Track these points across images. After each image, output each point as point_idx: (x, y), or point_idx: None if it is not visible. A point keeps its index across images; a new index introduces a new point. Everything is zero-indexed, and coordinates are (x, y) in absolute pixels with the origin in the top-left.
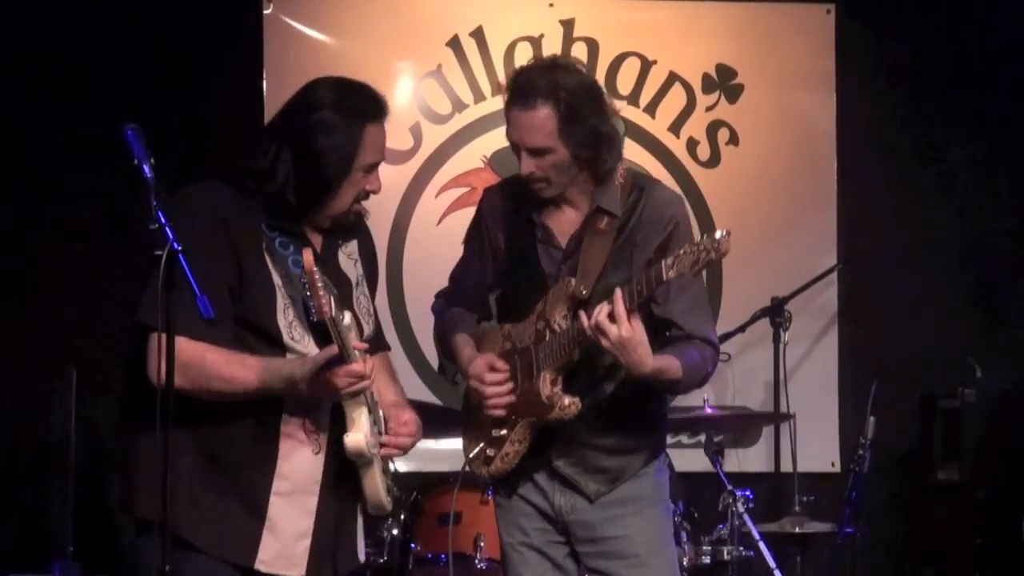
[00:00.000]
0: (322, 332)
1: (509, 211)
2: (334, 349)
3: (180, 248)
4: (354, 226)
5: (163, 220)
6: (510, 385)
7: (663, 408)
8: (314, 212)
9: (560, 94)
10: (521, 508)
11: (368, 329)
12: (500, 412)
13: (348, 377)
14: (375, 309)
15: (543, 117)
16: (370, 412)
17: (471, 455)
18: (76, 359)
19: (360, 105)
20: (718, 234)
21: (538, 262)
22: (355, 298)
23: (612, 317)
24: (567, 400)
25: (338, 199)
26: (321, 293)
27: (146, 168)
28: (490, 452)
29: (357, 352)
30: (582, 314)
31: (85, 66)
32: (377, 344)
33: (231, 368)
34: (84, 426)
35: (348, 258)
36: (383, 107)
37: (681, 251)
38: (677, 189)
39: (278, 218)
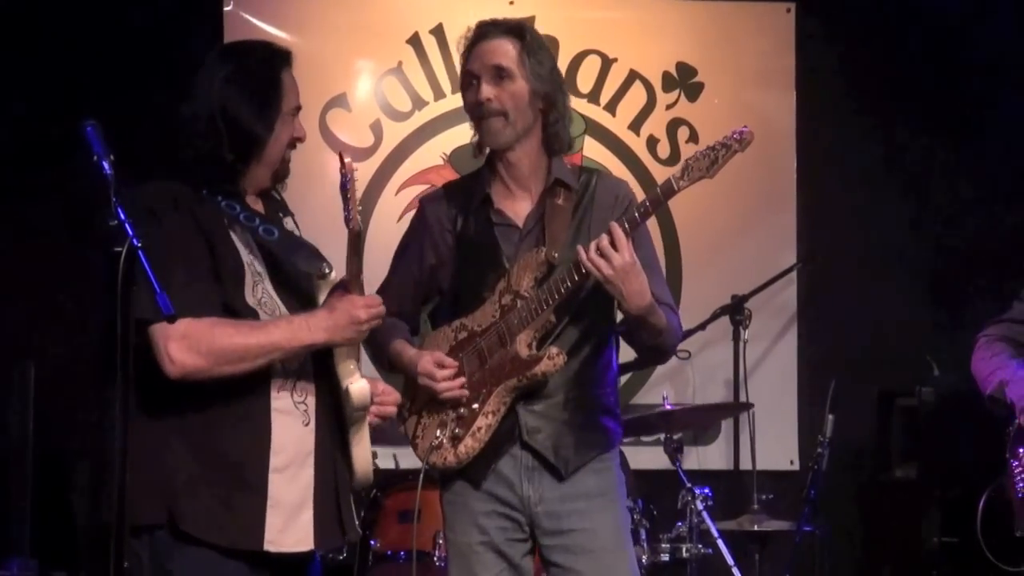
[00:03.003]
0: (296, 297)
1: (458, 209)
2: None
3: (140, 244)
4: (285, 204)
5: (122, 216)
6: (462, 379)
7: (617, 399)
8: (253, 166)
9: (524, 32)
10: (480, 507)
11: None
12: (457, 398)
13: (369, 308)
14: None
15: (506, 44)
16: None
17: (429, 445)
18: (34, 354)
19: (269, 56)
20: (739, 129)
21: (496, 245)
22: None
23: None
24: (554, 350)
25: (274, 145)
26: (358, 202)
27: (105, 165)
28: (458, 431)
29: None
30: (580, 248)
31: (43, 62)
32: None
33: (244, 333)
34: (42, 421)
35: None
36: (288, 54)
37: (690, 158)
38: (637, 187)
39: (220, 182)
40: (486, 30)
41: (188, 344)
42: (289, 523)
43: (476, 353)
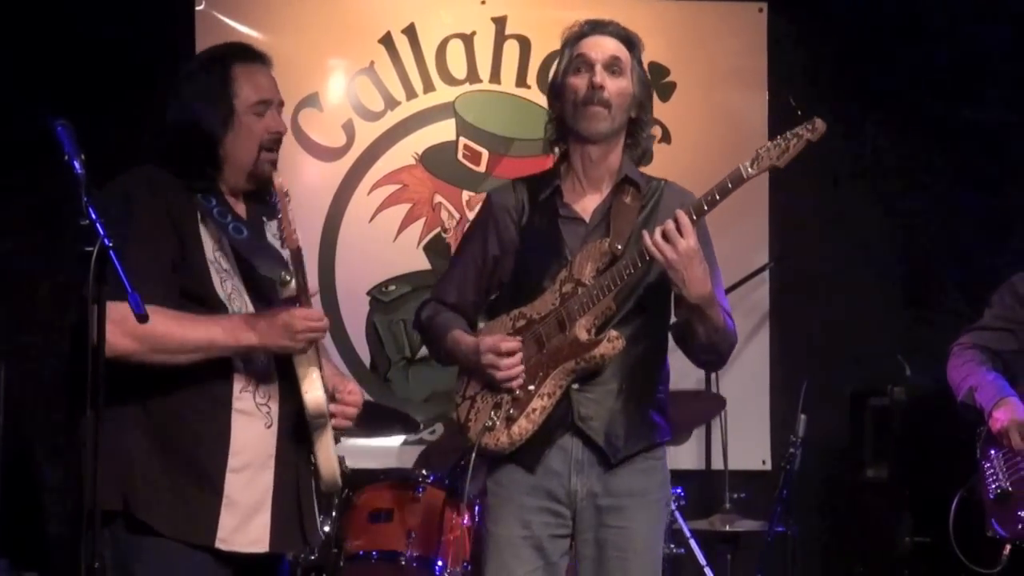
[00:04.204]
0: (262, 298)
1: (526, 201)
2: (293, 288)
3: (111, 244)
4: (274, 207)
5: (93, 216)
6: (521, 356)
7: (668, 399)
8: (225, 169)
9: (633, 42)
10: (528, 502)
11: None
12: (518, 383)
13: (306, 320)
14: None
15: (621, 44)
16: (320, 374)
17: (481, 427)
18: (5, 354)
19: (223, 52)
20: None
21: (560, 238)
22: None
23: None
24: (614, 333)
25: (238, 148)
26: (292, 219)
27: (76, 164)
28: (512, 412)
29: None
30: (645, 232)
31: (15, 61)
32: None
33: (183, 326)
34: (12, 419)
35: (274, 238)
36: (251, 50)
37: (760, 148)
38: None
39: (196, 179)
40: (601, 26)
41: (123, 328)
42: (243, 524)
43: (534, 338)
